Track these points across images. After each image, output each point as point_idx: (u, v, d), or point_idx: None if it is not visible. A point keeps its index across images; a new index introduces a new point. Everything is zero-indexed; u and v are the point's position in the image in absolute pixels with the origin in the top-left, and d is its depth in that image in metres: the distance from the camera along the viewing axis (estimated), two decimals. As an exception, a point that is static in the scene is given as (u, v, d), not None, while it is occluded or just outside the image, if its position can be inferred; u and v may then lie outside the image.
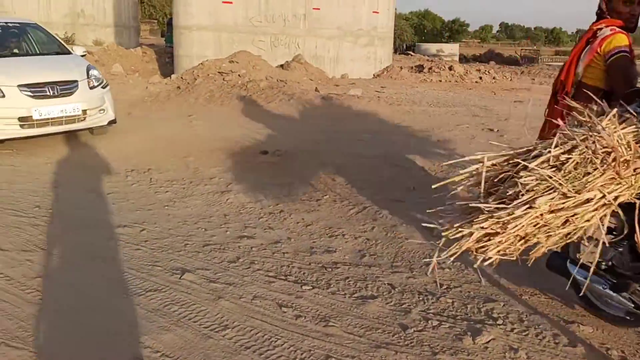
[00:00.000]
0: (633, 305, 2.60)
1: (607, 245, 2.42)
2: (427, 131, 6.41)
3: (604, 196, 2.20)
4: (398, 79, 14.24)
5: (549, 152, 2.25)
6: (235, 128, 7.16)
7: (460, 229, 2.25)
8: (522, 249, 2.26)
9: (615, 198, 2.23)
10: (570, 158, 2.22)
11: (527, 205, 2.14)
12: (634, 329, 2.77)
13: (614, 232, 2.55)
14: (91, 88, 6.50)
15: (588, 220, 2.21)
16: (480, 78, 14.99)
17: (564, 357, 2.55)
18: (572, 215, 2.19)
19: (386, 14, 17.63)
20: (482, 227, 2.20)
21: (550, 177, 2.17)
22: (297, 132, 6.67)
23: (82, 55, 7.22)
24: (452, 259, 2.27)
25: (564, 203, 2.17)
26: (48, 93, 6.07)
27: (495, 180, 2.35)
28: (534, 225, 2.19)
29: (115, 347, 2.58)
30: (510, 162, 2.36)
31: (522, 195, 2.16)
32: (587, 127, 2.34)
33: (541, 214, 2.16)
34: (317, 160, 5.57)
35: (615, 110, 2.42)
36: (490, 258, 2.24)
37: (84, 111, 6.34)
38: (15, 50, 7.20)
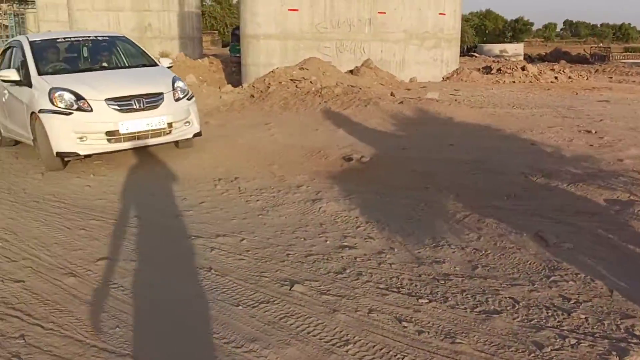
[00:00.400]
0: None
1: None
2: (518, 134, 6.13)
3: None
4: (469, 81, 13.87)
5: None
6: (314, 135, 7.11)
7: None
8: None
9: None
10: None
11: None
12: None
13: None
14: (176, 100, 6.39)
15: None
16: (556, 78, 14.39)
17: None
18: None
19: (452, 16, 17.29)
20: None
21: None
22: (379, 138, 6.54)
23: (169, 67, 7.14)
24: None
25: None
26: (134, 106, 5.98)
27: None
28: None
29: (239, 362, 2.53)
30: None
31: None
32: None
33: None
34: (406, 167, 5.41)
35: None
36: None
37: (170, 124, 6.25)
38: (104, 64, 7.25)
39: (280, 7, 14.95)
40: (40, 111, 5.86)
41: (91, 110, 5.84)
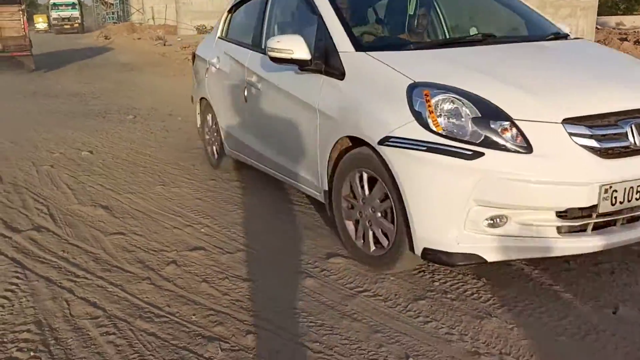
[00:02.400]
0: None
1: None
2: None
3: None
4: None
5: None
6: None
7: None
8: None
9: None
10: None
11: None
12: None
13: None
14: None
15: None
16: None
17: None
18: None
19: (591, -20, 15.57)
20: None
21: None
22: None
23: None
24: None
25: None
26: (631, 141, 2.37)
27: None
28: None
29: None
30: None
31: None
32: None
33: None
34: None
35: None
36: None
37: None
38: (486, 31, 3.47)
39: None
40: (386, 140, 2.50)
41: (529, 149, 2.29)
